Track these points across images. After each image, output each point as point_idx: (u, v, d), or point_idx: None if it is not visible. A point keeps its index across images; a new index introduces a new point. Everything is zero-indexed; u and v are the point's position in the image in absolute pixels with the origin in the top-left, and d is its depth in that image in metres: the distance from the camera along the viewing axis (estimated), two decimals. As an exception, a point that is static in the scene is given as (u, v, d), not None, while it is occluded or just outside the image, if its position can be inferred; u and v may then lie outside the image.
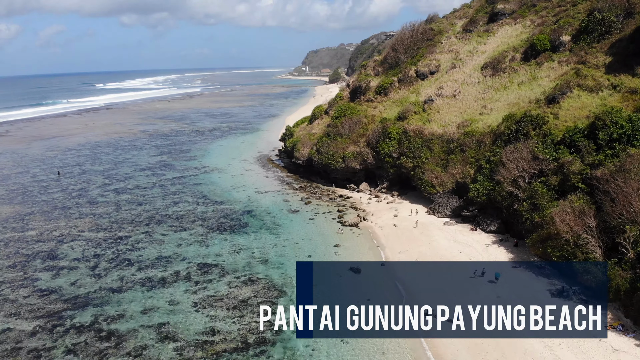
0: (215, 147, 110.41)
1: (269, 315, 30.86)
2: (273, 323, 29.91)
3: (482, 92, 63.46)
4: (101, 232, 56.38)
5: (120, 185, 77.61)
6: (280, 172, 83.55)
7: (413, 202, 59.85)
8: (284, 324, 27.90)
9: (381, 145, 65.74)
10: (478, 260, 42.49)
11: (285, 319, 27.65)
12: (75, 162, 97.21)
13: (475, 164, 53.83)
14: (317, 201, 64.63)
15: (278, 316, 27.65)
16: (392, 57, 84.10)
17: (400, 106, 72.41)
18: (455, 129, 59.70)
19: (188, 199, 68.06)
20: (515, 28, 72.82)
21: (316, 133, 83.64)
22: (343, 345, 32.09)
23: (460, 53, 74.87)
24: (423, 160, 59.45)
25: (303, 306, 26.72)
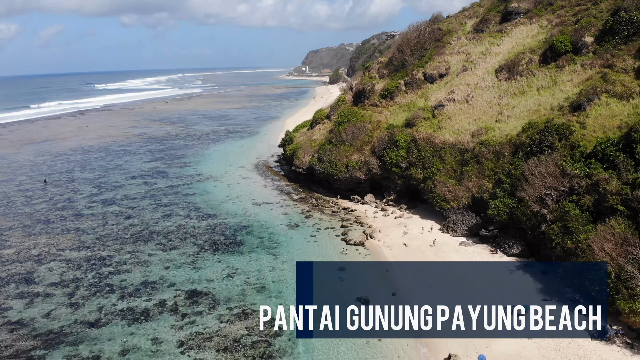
0: (211, 152, 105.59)
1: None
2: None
3: (498, 98, 58.65)
4: (83, 250, 51.58)
5: (108, 195, 72.81)
6: (279, 181, 78.75)
7: (424, 217, 55.07)
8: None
9: (388, 154, 60.96)
10: (502, 288, 37.78)
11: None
12: (64, 169, 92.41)
13: (493, 177, 49.03)
14: (319, 214, 59.84)
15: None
16: (397, 58, 79.29)
17: (408, 111, 67.63)
18: (469, 137, 54.91)
19: (180, 211, 63.25)
20: (531, 28, 67.97)
21: (317, 139, 78.90)
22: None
23: (471, 55, 70.05)
24: (434, 172, 54.68)
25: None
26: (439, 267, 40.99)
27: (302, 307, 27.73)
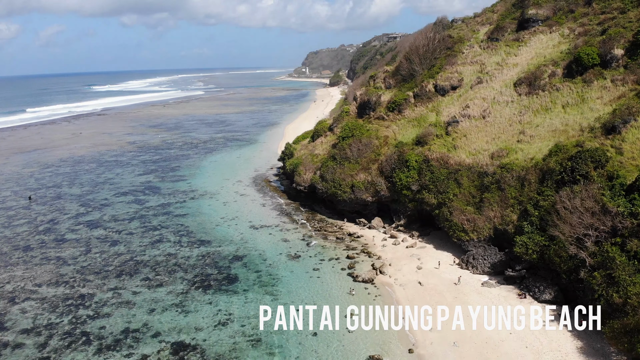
0: (207, 163, 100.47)
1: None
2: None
3: (518, 114, 53.56)
4: (62, 286, 46.46)
5: (95, 215, 67.67)
6: (278, 198, 73.66)
7: (438, 247, 49.98)
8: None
9: (397, 175, 55.88)
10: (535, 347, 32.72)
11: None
12: (52, 183, 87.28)
13: (518, 207, 43.91)
14: (323, 241, 54.71)
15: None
16: (405, 68, 74.23)
17: (418, 127, 62.56)
18: (488, 159, 49.83)
19: (170, 236, 58.12)
20: (552, 37, 62.84)
21: (320, 154, 73.82)
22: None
23: (486, 65, 64.94)
24: (450, 197, 49.59)
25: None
26: (461, 314, 35.87)
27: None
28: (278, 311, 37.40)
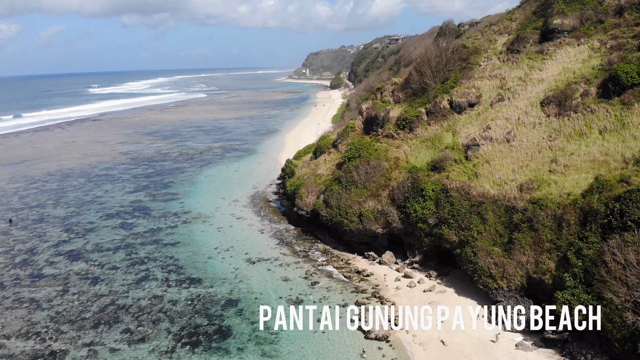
0: (203, 178, 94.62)
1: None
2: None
3: (548, 139, 47.66)
4: (32, 339, 40.55)
5: (78, 244, 61.80)
6: (278, 223, 67.79)
7: (460, 293, 44.04)
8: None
9: (411, 205, 50.01)
10: None
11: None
12: (36, 202, 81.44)
13: (555, 252, 38.00)
14: (328, 281, 48.82)
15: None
16: (416, 80, 68.27)
17: (432, 148, 56.69)
18: (516, 191, 43.92)
19: (157, 272, 52.20)
20: (580, 50, 56.89)
21: (323, 174, 67.98)
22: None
23: (507, 80, 59.02)
24: (474, 235, 43.67)
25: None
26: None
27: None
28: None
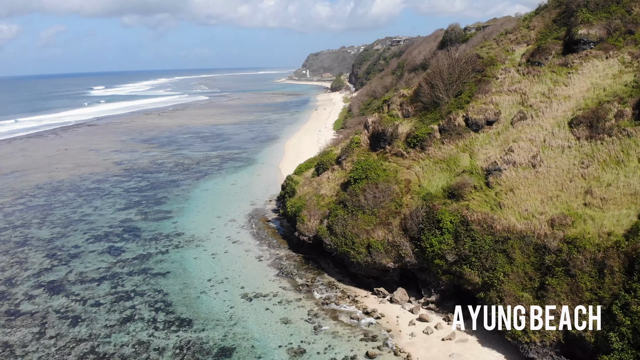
0: (198, 193, 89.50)
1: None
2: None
3: (580, 165, 42.52)
4: (-5, 398, 35.60)
5: (60, 273, 56.69)
6: (278, 247, 62.66)
7: (485, 343, 38.79)
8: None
9: (427, 237, 44.85)
10: None
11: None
12: (21, 221, 76.37)
13: (597, 304, 32.88)
14: (333, 323, 43.59)
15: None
16: (426, 93, 63.04)
17: (448, 171, 51.54)
18: (546, 226, 38.78)
19: (144, 311, 46.97)
20: (609, 64, 51.69)
21: (326, 195, 62.87)
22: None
23: (528, 96, 53.85)
24: (499, 277, 38.54)
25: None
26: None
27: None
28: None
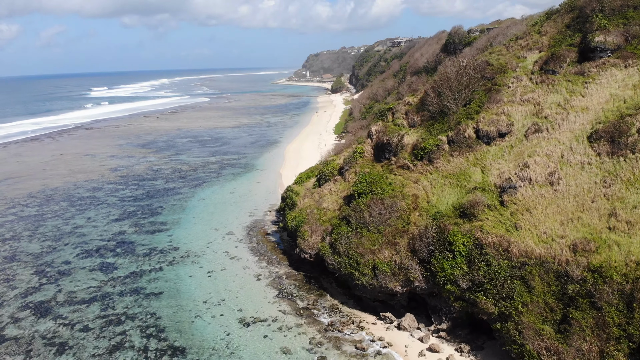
0: (195, 202, 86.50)
1: None
2: None
3: (602, 184, 39.56)
4: None
5: (48, 293, 53.70)
6: (277, 265, 59.65)
7: (500, 379, 36.00)
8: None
9: (438, 261, 41.87)
10: None
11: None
12: (10, 234, 73.39)
13: (626, 342, 29.93)
14: (336, 355, 40.58)
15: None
16: (434, 102, 60.17)
17: (458, 186, 48.60)
18: (568, 252, 35.83)
19: (134, 338, 43.93)
20: (629, 73, 48.72)
21: (328, 209, 59.93)
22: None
23: (543, 107, 50.89)
24: (518, 307, 35.57)
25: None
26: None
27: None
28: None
